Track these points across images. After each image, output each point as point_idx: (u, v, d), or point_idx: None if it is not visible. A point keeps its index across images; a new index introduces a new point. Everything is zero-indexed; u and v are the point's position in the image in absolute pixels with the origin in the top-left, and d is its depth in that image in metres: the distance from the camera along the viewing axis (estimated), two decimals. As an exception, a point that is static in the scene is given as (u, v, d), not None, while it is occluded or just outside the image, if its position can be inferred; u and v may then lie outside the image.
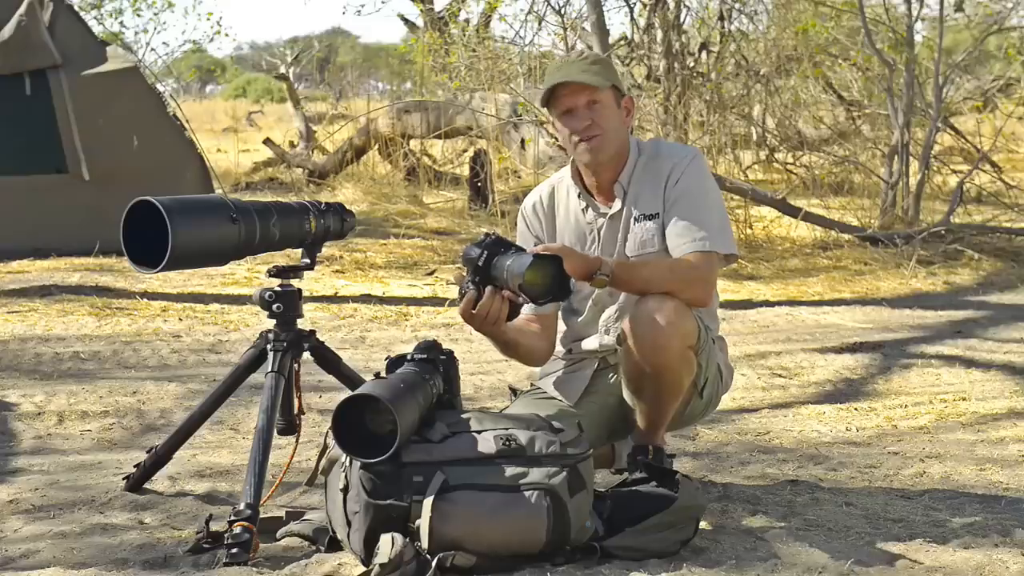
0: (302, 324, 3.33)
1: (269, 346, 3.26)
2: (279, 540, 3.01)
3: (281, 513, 3.10)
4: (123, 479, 3.50)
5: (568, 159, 3.46)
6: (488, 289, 3.01)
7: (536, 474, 2.76)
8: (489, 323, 3.04)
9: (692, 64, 11.80)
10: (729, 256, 3.32)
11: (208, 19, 37.18)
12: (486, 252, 3.00)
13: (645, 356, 3.15)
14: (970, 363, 5.47)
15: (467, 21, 14.18)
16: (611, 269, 3.13)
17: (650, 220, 3.33)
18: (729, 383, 3.53)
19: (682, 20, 11.70)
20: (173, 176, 8.39)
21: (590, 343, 3.46)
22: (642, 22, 11.91)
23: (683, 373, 3.21)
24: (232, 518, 2.89)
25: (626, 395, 3.31)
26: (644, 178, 3.35)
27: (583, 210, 3.42)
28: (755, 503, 3.35)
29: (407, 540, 2.67)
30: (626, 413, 3.38)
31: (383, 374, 2.94)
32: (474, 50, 12.02)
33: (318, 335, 3.40)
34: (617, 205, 3.37)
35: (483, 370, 5.20)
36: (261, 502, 2.97)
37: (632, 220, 3.35)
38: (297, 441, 3.35)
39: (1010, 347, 5.85)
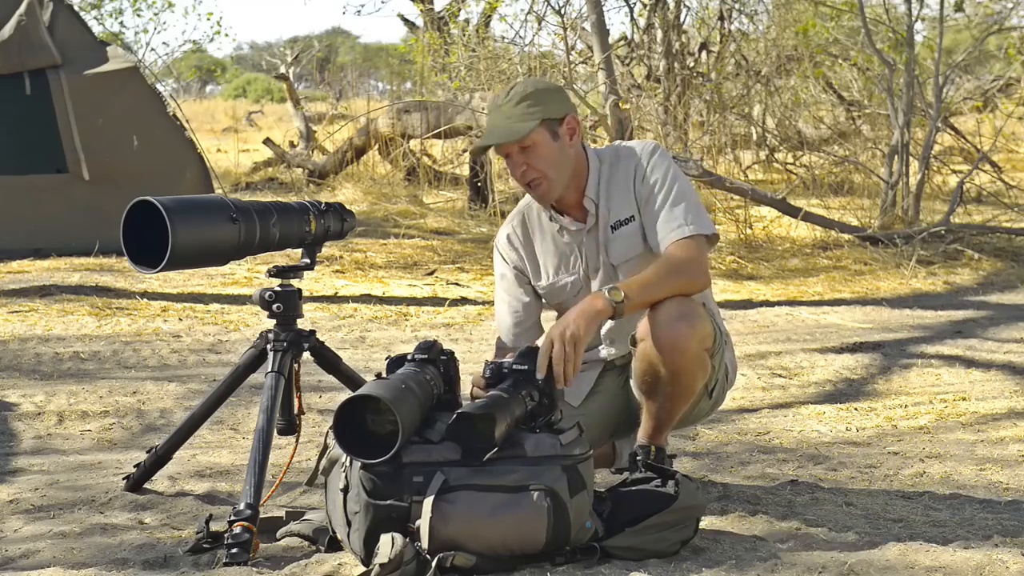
0: (302, 324, 3.33)
1: (269, 346, 3.26)
2: (279, 540, 3.01)
3: (281, 513, 3.10)
4: (123, 479, 3.50)
5: None
6: None
7: (536, 474, 2.76)
8: None
9: (692, 64, 11.81)
10: (711, 236, 3.30)
11: (208, 19, 37.20)
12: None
13: (663, 358, 3.14)
14: (970, 363, 5.47)
15: (467, 21, 14.18)
16: (623, 295, 3.08)
17: (627, 225, 3.33)
18: (733, 380, 3.53)
19: (682, 20, 11.72)
20: (173, 176, 8.40)
21: (594, 355, 3.46)
22: (642, 22, 11.92)
23: (698, 376, 3.21)
24: (232, 518, 2.89)
25: (636, 394, 3.30)
26: (611, 185, 3.34)
27: (558, 231, 3.41)
28: (755, 503, 3.35)
29: (407, 540, 2.67)
30: (630, 412, 3.38)
31: (383, 374, 2.94)
32: (474, 50, 12.02)
33: (318, 335, 3.40)
34: (591, 220, 3.36)
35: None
36: (261, 502, 2.97)
37: (609, 230, 3.35)
38: (297, 441, 3.35)
39: (1010, 347, 5.84)
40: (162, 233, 2.89)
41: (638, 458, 3.22)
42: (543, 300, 3.48)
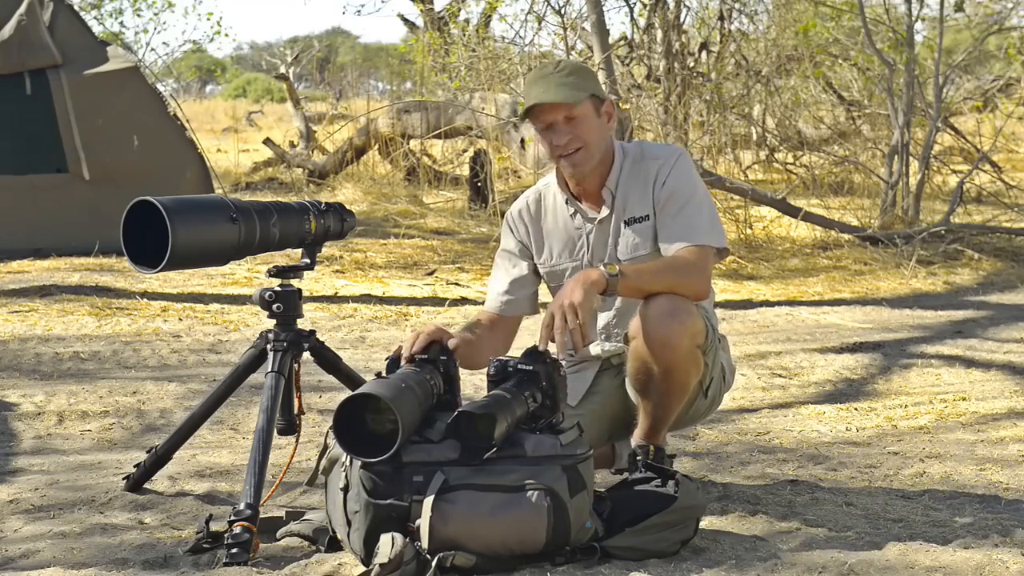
0: (302, 324, 3.33)
1: (269, 346, 3.26)
2: (279, 540, 3.01)
3: (281, 513, 3.10)
4: (123, 479, 3.50)
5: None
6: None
7: (536, 474, 2.76)
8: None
9: (692, 64, 11.80)
10: (721, 250, 3.32)
11: (208, 19, 37.20)
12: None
13: (654, 354, 3.15)
14: (970, 363, 5.47)
15: (467, 21, 14.18)
16: (619, 270, 3.10)
17: (640, 223, 3.34)
18: (731, 382, 3.53)
19: (682, 20, 11.71)
20: (173, 176, 8.40)
21: (592, 349, 3.46)
22: (642, 22, 11.92)
23: (691, 372, 3.22)
24: (232, 518, 2.89)
25: (631, 393, 3.31)
26: (631, 181, 3.36)
27: (571, 216, 3.42)
28: (755, 503, 3.35)
29: (407, 540, 2.67)
30: (628, 413, 3.38)
31: (383, 374, 2.94)
32: (474, 50, 12.02)
33: (318, 335, 3.40)
34: (606, 211, 3.37)
35: (483, 370, 5.20)
36: (261, 502, 2.97)
37: (622, 224, 3.36)
38: (297, 441, 3.35)
39: (1010, 347, 5.84)
40: (162, 233, 2.89)
41: (638, 458, 3.23)
42: (543, 278, 3.50)
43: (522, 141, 10.74)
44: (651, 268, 3.21)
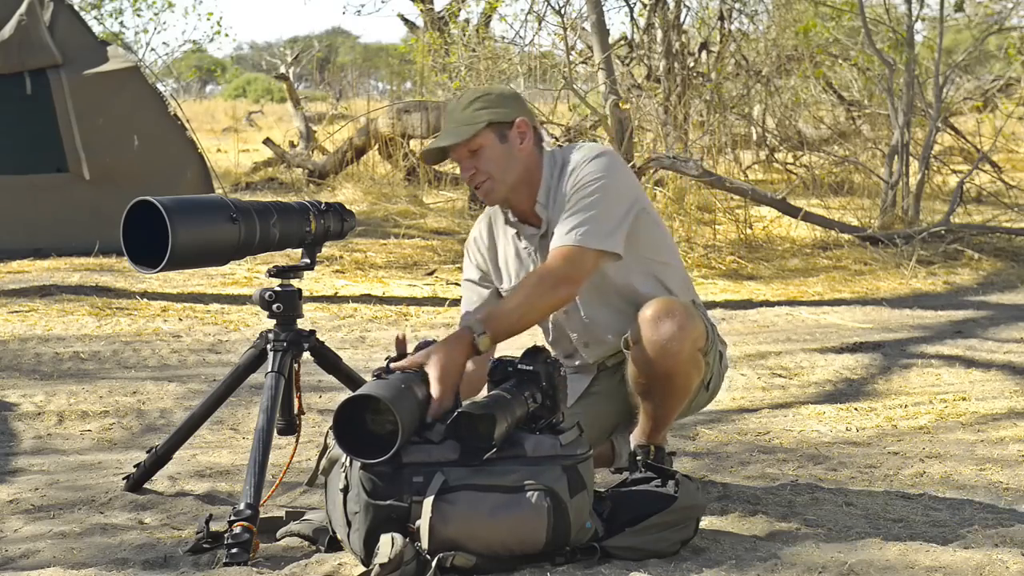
0: (302, 324, 3.33)
1: (269, 346, 3.26)
2: (279, 540, 3.01)
3: (281, 513, 3.10)
4: (123, 479, 3.51)
5: None
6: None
7: (536, 474, 2.76)
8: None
9: (692, 64, 11.81)
10: (607, 253, 3.15)
11: (208, 19, 37.24)
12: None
13: (656, 360, 3.14)
14: (970, 363, 5.47)
15: (467, 21, 14.17)
16: (482, 326, 2.98)
17: None
18: (727, 364, 3.51)
19: (682, 20, 11.71)
20: (173, 176, 8.40)
21: (574, 360, 3.47)
22: (642, 22, 11.92)
23: (692, 376, 3.21)
24: (232, 518, 2.89)
25: (632, 396, 3.30)
26: (559, 192, 3.25)
27: (516, 236, 3.38)
28: (755, 503, 3.35)
29: (407, 540, 2.67)
30: (628, 411, 3.38)
31: (383, 374, 2.94)
32: (474, 50, 12.02)
33: (318, 335, 3.40)
34: (544, 226, 3.29)
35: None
36: (261, 502, 2.97)
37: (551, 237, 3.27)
38: (297, 441, 3.35)
39: (1010, 347, 5.84)
40: (162, 233, 2.89)
41: (638, 458, 3.23)
42: None
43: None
44: (514, 304, 3.06)
